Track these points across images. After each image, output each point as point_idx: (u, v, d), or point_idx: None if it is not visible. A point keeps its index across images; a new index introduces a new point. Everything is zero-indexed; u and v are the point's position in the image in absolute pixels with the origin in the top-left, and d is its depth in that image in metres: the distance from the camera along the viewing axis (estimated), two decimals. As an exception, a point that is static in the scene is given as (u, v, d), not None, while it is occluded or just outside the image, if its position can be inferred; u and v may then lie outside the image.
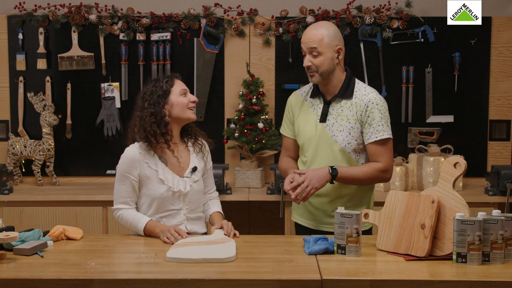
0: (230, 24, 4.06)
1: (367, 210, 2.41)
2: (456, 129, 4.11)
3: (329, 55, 2.64)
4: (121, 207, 2.64)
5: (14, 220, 3.64)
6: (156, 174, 2.60)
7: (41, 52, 4.03)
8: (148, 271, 2.09)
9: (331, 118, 2.71)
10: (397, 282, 2.00)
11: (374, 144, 2.66)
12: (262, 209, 4.11)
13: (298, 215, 2.88)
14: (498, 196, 3.66)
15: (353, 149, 2.68)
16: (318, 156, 2.72)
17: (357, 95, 2.70)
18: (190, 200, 2.67)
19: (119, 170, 2.63)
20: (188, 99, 2.65)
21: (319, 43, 2.63)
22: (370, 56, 4.07)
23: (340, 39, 2.69)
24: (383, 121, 2.66)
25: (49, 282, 2.01)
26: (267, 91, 4.06)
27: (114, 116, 4.08)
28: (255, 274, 2.06)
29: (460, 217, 2.12)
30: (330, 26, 2.69)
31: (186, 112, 2.64)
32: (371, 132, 2.65)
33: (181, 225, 2.64)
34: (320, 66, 2.65)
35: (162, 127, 2.60)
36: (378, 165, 2.66)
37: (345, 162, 2.69)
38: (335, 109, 2.71)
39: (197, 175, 2.69)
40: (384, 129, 2.66)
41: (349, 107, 2.68)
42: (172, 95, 2.63)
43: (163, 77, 2.69)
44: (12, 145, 3.96)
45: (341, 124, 2.68)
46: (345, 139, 2.67)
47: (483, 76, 4.10)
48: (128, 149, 2.65)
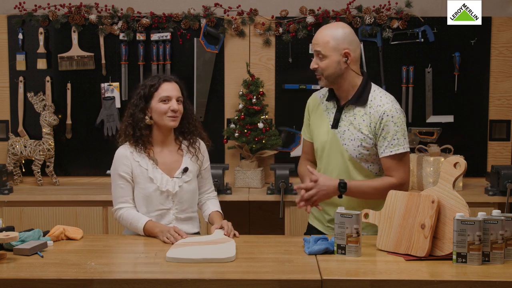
0: (230, 24, 4.06)
1: (367, 210, 2.41)
2: (456, 129, 4.10)
3: (335, 58, 2.53)
4: (122, 206, 2.64)
5: (14, 220, 3.64)
6: (146, 172, 2.62)
7: (41, 52, 4.03)
8: (148, 271, 2.09)
9: (343, 125, 2.60)
10: (397, 282, 2.00)
11: (389, 159, 2.53)
12: (262, 209, 4.11)
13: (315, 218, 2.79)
14: (498, 196, 3.66)
15: (364, 159, 2.57)
16: (330, 163, 2.63)
17: (372, 104, 2.56)
18: (180, 201, 2.66)
19: (113, 170, 2.66)
20: (168, 107, 2.61)
21: (323, 46, 2.53)
22: (370, 56, 4.07)
23: (350, 42, 2.54)
24: (398, 134, 2.52)
25: (49, 282, 2.00)
26: (267, 91, 4.06)
27: (114, 116, 4.08)
28: (255, 274, 2.06)
29: (460, 217, 2.12)
30: (339, 28, 2.56)
31: (164, 119, 2.62)
32: (386, 146, 2.53)
33: (170, 224, 2.63)
34: (325, 70, 2.55)
35: (136, 130, 2.63)
36: (391, 180, 2.53)
37: (357, 171, 2.59)
38: (347, 116, 2.60)
39: (188, 175, 2.69)
40: (399, 143, 2.52)
41: (363, 116, 2.56)
42: (154, 100, 2.63)
43: (152, 79, 2.68)
44: (12, 145, 3.96)
45: (352, 133, 2.56)
46: (356, 149, 2.56)
47: (483, 76, 4.10)
48: (119, 149, 2.68)
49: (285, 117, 4.09)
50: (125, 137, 2.67)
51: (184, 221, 2.69)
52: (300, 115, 2.85)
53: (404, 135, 2.55)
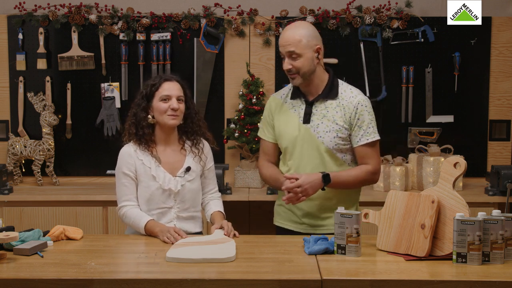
0: (230, 24, 4.06)
1: (367, 210, 2.41)
2: (456, 129, 4.10)
3: (309, 55, 2.60)
4: (125, 204, 2.65)
5: (14, 220, 3.64)
6: (149, 171, 2.64)
7: (41, 52, 4.03)
8: (148, 271, 2.09)
9: (315, 119, 2.66)
10: (397, 282, 2.00)
11: (364, 147, 2.64)
12: (262, 209, 4.09)
13: (282, 219, 2.81)
14: (498, 196, 3.66)
15: (339, 149, 2.65)
16: (303, 158, 2.68)
17: (344, 96, 2.66)
18: (182, 199, 2.67)
19: (117, 168, 2.69)
20: (168, 106, 2.64)
21: (296, 45, 2.58)
22: (370, 56, 4.07)
23: (318, 38, 2.64)
24: (372, 123, 2.66)
25: (49, 282, 2.01)
26: (267, 91, 4.06)
27: (114, 116, 4.08)
28: (255, 274, 2.06)
29: (460, 217, 2.12)
30: (307, 26, 2.65)
31: (164, 118, 2.65)
32: (361, 135, 2.64)
33: (170, 223, 2.64)
34: (301, 68, 2.60)
35: (139, 129, 2.68)
36: (367, 167, 2.65)
37: (333, 162, 2.66)
38: (319, 110, 2.66)
39: (191, 175, 2.70)
40: (374, 131, 2.66)
41: (335, 108, 2.65)
42: (155, 99, 2.67)
43: (154, 79, 2.72)
44: (12, 145, 3.96)
45: (327, 125, 2.64)
46: (333, 140, 2.63)
47: (483, 76, 4.10)
48: (123, 148, 2.71)
49: (285, 117, 4.08)
50: (129, 135, 2.71)
51: (186, 220, 2.69)
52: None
53: (375, 123, 2.67)
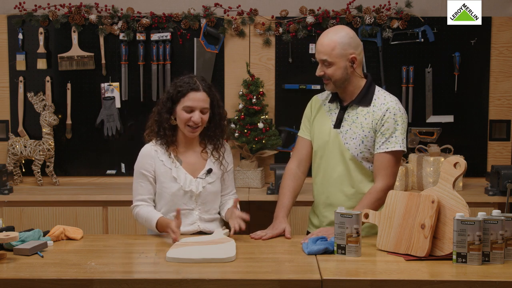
0: (230, 24, 4.06)
1: (367, 210, 2.41)
2: (456, 129, 4.10)
3: (342, 64, 2.52)
4: (138, 204, 2.65)
5: (14, 220, 3.64)
6: (170, 172, 2.63)
7: (41, 52, 4.03)
8: (148, 271, 2.10)
9: (345, 124, 2.60)
10: (397, 282, 2.00)
11: (383, 155, 2.53)
12: (262, 209, 4.09)
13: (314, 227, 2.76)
14: (498, 196, 3.66)
15: (365, 158, 2.57)
16: (330, 163, 2.62)
17: (376, 103, 2.58)
18: (203, 201, 2.66)
19: (136, 167, 2.67)
20: (190, 117, 2.60)
21: (329, 54, 2.50)
22: (370, 56, 4.06)
23: (355, 46, 2.53)
24: (397, 132, 2.53)
25: (49, 282, 2.01)
26: (267, 91, 4.06)
27: (114, 116, 4.08)
28: (255, 274, 2.06)
29: (460, 217, 2.12)
30: (344, 34, 2.53)
31: (184, 129, 2.63)
32: (382, 142, 2.53)
33: (194, 224, 2.64)
34: (332, 76, 2.53)
35: (161, 129, 2.65)
36: (376, 187, 2.52)
37: (358, 171, 2.59)
38: (350, 116, 2.60)
39: (212, 177, 2.68)
40: (397, 141, 2.53)
41: (365, 115, 2.57)
42: (179, 105, 2.62)
43: (183, 83, 2.63)
44: (12, 145, 3.96)
45: (354, 132, 2.57)
46: (358, 147, 2.56)
47: (483, 76, 4.10)
48: (145, 146, 2.70)
49: (285, 117, 4.08)
50: (150, 132, 2.70)
51: (209, 222, 2.69)
52: (300, 115, 2.84)
53: (403, 134, 2.54)
